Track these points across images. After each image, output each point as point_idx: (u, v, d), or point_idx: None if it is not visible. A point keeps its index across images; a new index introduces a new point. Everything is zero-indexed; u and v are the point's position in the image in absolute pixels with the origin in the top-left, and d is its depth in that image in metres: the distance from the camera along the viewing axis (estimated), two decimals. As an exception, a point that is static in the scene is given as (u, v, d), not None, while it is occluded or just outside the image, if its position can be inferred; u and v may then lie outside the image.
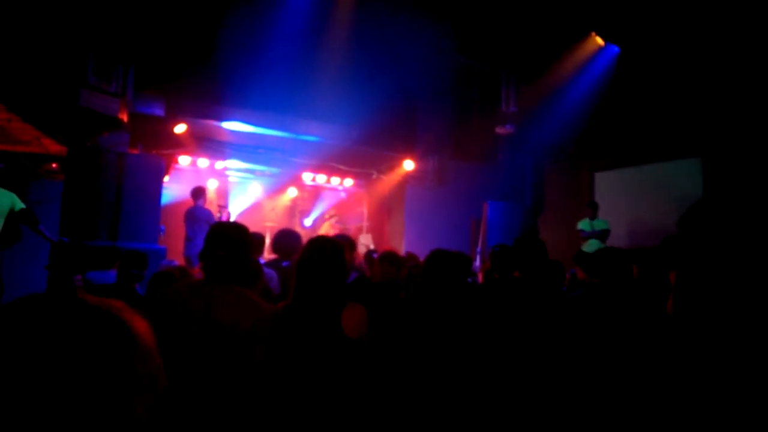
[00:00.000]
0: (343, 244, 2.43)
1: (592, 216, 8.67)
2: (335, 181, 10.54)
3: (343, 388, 2.09)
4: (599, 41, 9.75)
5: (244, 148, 9.27)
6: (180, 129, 8.02)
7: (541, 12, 9.08)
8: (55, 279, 5.59)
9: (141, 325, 0.72)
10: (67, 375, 0.64)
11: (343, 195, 11.55)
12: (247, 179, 10.63)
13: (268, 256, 8.20)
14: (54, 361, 0.64)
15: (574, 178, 10.88)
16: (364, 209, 11.21)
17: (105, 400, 0.65)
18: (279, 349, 2.13)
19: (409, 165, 9.93)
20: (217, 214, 8.67)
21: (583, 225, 8.70)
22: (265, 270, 4.12)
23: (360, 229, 11.08)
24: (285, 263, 4.51)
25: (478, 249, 9.49)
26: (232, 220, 8.84)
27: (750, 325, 2.19)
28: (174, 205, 9.09)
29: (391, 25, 9.02)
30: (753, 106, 7.89)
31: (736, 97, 8.10)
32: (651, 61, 8.99)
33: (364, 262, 5.61)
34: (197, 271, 5.16)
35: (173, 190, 9.30)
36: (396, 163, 10.04)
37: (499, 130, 10.55)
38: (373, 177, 10.51)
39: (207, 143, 8.88)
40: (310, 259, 2.26)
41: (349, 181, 10.65)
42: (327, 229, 9.40)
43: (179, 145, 8.41)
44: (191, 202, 7.98)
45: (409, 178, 10.13)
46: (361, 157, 9.89)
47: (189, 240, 7.62)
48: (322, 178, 10.42)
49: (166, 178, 8.15)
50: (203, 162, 9.26)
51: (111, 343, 0.68)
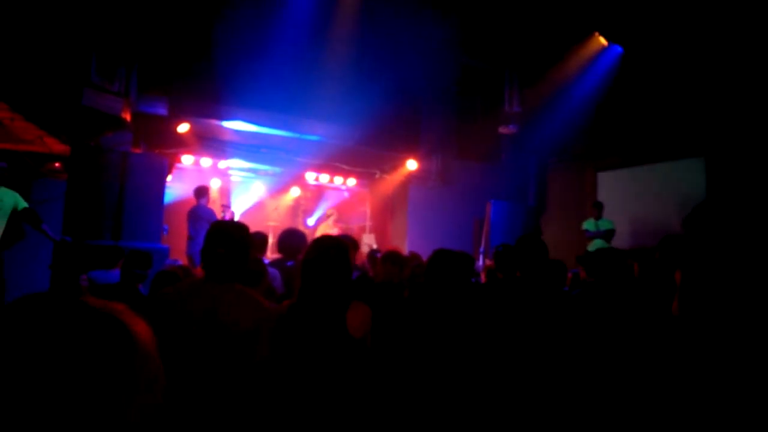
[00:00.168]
0: (347, 243, 2.42)
1: (597, 216, 8.66)
2: (338, 180, 10.53)
3: (348, 387, 2.09)
4: (603, 41, 9.73)
5: (247, 148, 9.28)
6: (183, 128, 8.03)
7: (544, 12, 9.06)
8: (58, 278, 5.60)
9: (142, 328, 0.72)
10: (66, 375, 0.64)
11: (346, 194, 11.55)
12: (249, 179, 10.64)
13: (271, 255, 8.22)
14: (53, 361, 0.64)
15: (577, 177, 10.86)
16: (367, 209, 11.21)
17: (102, 401, 0.65)
18: (284, 347, 2.13)
19: (412, 165, 9.92)
20: (221, 214, 8.67)
21: (588, 225, 8.69)
22: (270, 269, 4.13)
23: (363, 229, 11.08)
24: (290, 263, 4.51)
25: (481, 249, 9.48)
26: (235, 219, 8.84)
27: (756, 326, 2.19)
28: (177, 204, 9.10)
29: (395, 25, 9.01)
30: (756, 106, 7.86)
31: (740, 97, 8.07)
32: (654, 61, 8.97)
33: (367, 262, 5.61)
34: (200, 270, 5.16)
35: (176, 189, 9.30)
36: (399, 162, 10.04)
37: (502, 129, 10.53)
38: (376, 177, 10.50)
39: (210, 142, 8.89)
40: (315, 259, 2.25)
41: (352, 181, 10.64)
42: (326, 229, 9.37)
43: (182, 144, 8.42)
44: (194, 202, 7.99)
45: (412, 177, 10.12)
46: (364, 156, 9.89)
47: (191, 239, 7.64)
48: (325, 178, 10.42)
49: (169, 178, 8.16)
50: (206, 161, 9.26)
51: (110, 345, 0.68)
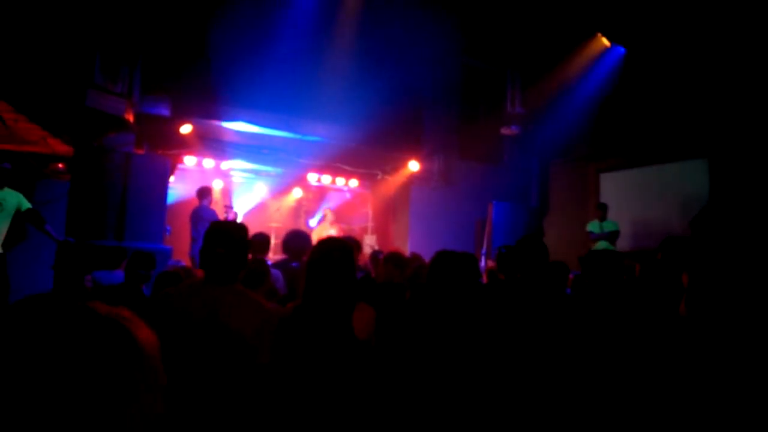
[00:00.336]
0: (351, 245, 2.41)
1: (602, 218, 8.65)
2: (340, 181, 10.53)
3: (354, 389, 2.08)
4: (605, 42, 9.72)
5: (250, 149, 9.28)
6: (186, 129, 8.04)
7: (546, 13, 9.05)
8: (61, 279, 5.60)
9: (146, 335, 0.72)
10: (66, 379, 0.64)
11: (348, 196, 11.55)
12: (251, 179, 10.64)
13: (273, 256, 8.21)
14: (54, 365, 0.64)
15: (579, 178, 10.84)
16: (369, 210, 11.20)
17: (103, 405, 0.65)
18: (290, 350, 2.12)
19: (414, 165, 9.92)
20: (224, 215, 8.67)
21: (592, 227, 8.69)
22: (273, 270, 4.12)
23: (365, 230, 11.08)
24: (294, 264, 4.51)
25: (483, 250, 9.47)
26: (239, 220, 8.84)
27: (764, 326, 2.18)
28: (179, 205, 9.11)
29: (397, 26, 9.02)
30: (760, 107, 7.84)
31: (743, 98, 8.05)
32: (657, 62, 8.95)
33: (370, 263, 5.62)
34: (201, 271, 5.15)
35: (178, 189, 9.31)
36: (401, 163, 10.03)
37: (504, 130, 10.52)
38: (378, 177, 10.50)
39: (212, 143, 8.89)
40: (320, 261, 2.24)
41: (354, 182, 10.64)
42: (322, 230, 9.30)
43: (185, 145, 8.42)
44: (196, 202, 7.99)
45: (414, 178, 10.12)
46: (366, 157, 9.88)
47: (194, 240, 7.64)
48: (327, 179, 10.42)
49: (172, 179, 8.17)
50: (208, 162, 9.27)
51: (113, 351, 0.68)
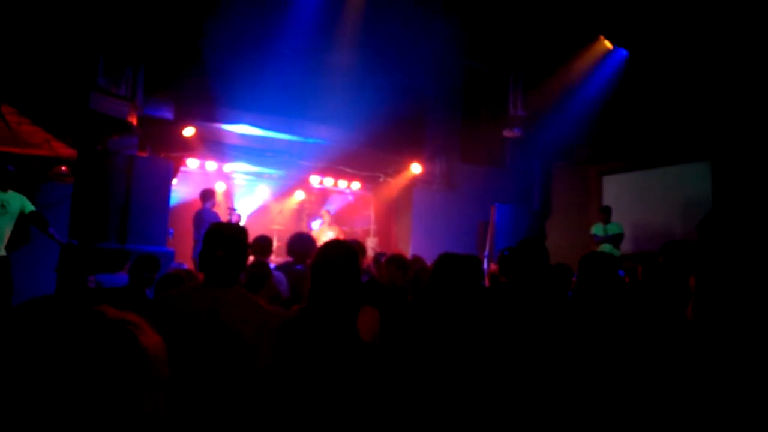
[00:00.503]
0: (355, 248, 2.40)
1: (605, 220, 8.65)
2: (342, 184, 10.53)
3: (360, 391, 2.07)
4: (608, 45, 9.71)
5: (252, 151, 9.28)
6: (188, 132, 8.05)
7: (549, 16, 9.06)
8: (64, 281, 5.62)
9: (153, 342, 0.72)
10: (73, 383, 0.64)
11: (350, 198, 11.55)
12: (254, 182, 10.65)
13: (275, 259, 8.21)
14: (60, 369, 0.64)
15: (582, 181, 10.83)
16: (371, 212, 11.20)
17: (104, 409, 0.65)
18: (296, 352, 2.11)
19: (416, 168, 9.92)
20: (227, 217, 8.67)
21: (596, 230, 8.69)
22: (276, 273, 4.12)
23: (367, 232, 11.07)
24: (299, 266, 4.51)
25: (486, 252, 9.46)
26: (242, 222, 8.84)
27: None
28: (181, 208, 9.11)
29: (400, 29, 9.03)
30: (762, 110, 7.82)
31: (745, 101, 8.03)
32: (659, 65, 8.94)
33: (372, 265, 5.61)
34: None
35: (180, 192, 9.32)
36: (403, 166, 10.03)
37: (506, 133, 10.52)
38: (381, 180, 10.50)
39: (215, 146, 8.90)
40: (325, 263, 2.23)
41: (356, 184, 10.63)
42: (320, 232, 9.27)
43: (187, 148, 8.43)
44: (198, 205, 8.00)
45: (416, 181, 10.12)
46: (368, 160, 9.89)
47: (196, 243, 7.64)
48: (329, 181, 10.41)
49: (174, 181, 8.18)
50: (211, 165, 9.28)
51: (118, 357, 0.68)
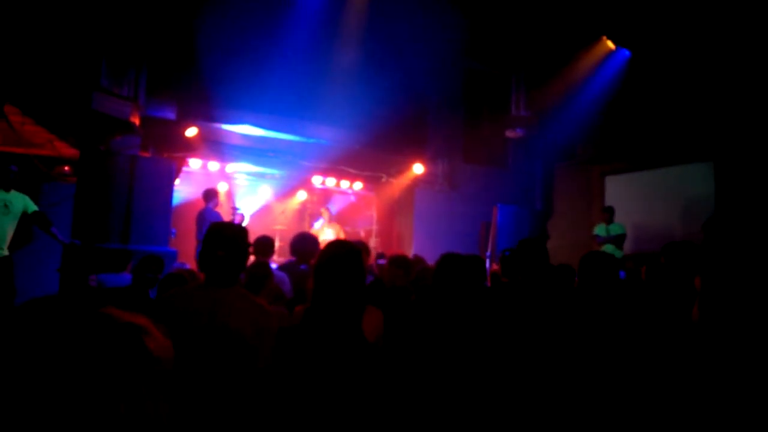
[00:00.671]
0: (359, 248, 2.39)
1: (608, 221, 8.64)
2: (345, 184, 10.53)
3: (367, 392, 2.07)
4: (610, 45, 9.69)
5: (254, 151, 9.29)
6: (191, 132, 8.06)
7: (551, 16, 9.04)
8: (67, 281, 5.63)
9: (160, 345, 0.72)
10: (78, 384, 0.64)
11: (352, 198, 11.55)
12: (256, 182, 10.66)
13: (278, 259, 8.21)
14: (60, 368, 0.64)
15: (584, 181, 10.81)
16: (374, 212, 11.19)
17: (107, 411, 0.65)
18: (301, 353, 2.10)
19: (418, 168, 9.91)
20: (230, 217, 8.68)
21: (599, 230, 8.68)
22: (278, 273, 4.12)
23: (369, 233, 11.06)
24: (303, 266, 4.51)
25: (488, 253, 9.45)
26: (245, 222, 8.84)
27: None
28: (183, 208, 9.12)
29: (402, 29, 9.03)
30: (765, 110, 7.80)
31: (748, 101, 8.01)
32: (662, 65, 8.92)
33: (374, 265, 5.61)
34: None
35: (183, 192, 9.33)
36: (405, 166, 10.03)
37: (509, 133, 10.51)
38: (383, 180, 10.50)
39: (217, 146, 8.91)
40: (329, 263, 2.22)
41: (358, 185, 10.64)
42: (321, 231, 9.25)
43: (190, 148, 8.44)
44: (199, 205, 8.00)
45: (418, 181, 10.11)
46: (370, 160, 9.89)
47: (199, 243, 7.65)
48: (331, 182, 10.42)
49: (177, 181, 8.19)
50: (213, 165, 9.29)
51: (122, 359, 0.67)
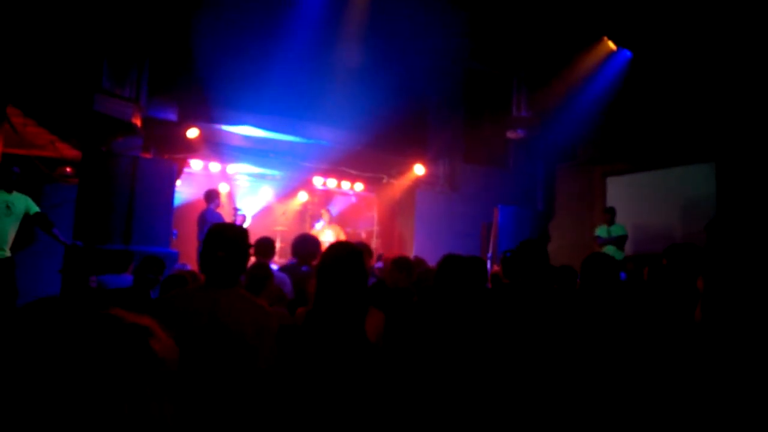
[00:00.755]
0: (361, 249, 2.39)
1: (610, 222, 8.64)
2: (346, 185, 10.54)
3: (370, 394, 2.07)
4: (611, 46, 9.69)
5: (255, 152, 9.30)
6: (192, 134, 8.07)
7: (552, 17, 9.04)
8: (68, 282, 5.64)
9: (164, 347, 0.72)
10: (84, 385, 0.64)
11: (353, 199, 11.56)
12: (257, 183, 10.66)
13: (279, 260, 8.22)
14: (65, 369, 0.64)
15: (585, 182, 10.80)
16: (375, 213, 11.20)
17: (110, 411, 0.65)
18: (304, 354, 2.10)
19: (419, 169, 9.91)
20: (232, 218, 8.68)
21: (600, 231, 8.68)
22: (279, 274, 4.12)
23: (371, 234, 11.06)
24: (304, 268, 4.51)
25: (489, 254, 9.45)
26: (247, 223, 8.85)
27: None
28: (185, 209, 9.12)
29: (403, 30, 9.03)
30: (766, 111, 7.79)
31: (749, 102, 8.00)
32: (663, 66, 8.92)
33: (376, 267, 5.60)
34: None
35: (184, 193, 9.34)
36: (406, 167, 10.03)
37: (510, 134, 10.50)
38: (384, 181, 10.50)
39: (218, 147, 8.92)
40: (332, 265, 2.22)
41: (359, 186, 10.64)
42: (321, 232, 9.24)
43: (191, 149, 8.45)
44: (201, 206, 8.01)
45: (419, 182, 10.11)
46: (371, 161, 9.89)
47: (200, 244, 7.66)
48: (332, 182, 10.42)
49: (178, 182, 8.19)
50: (215, 166, 9.29)
51: (126, 359, 0.67)
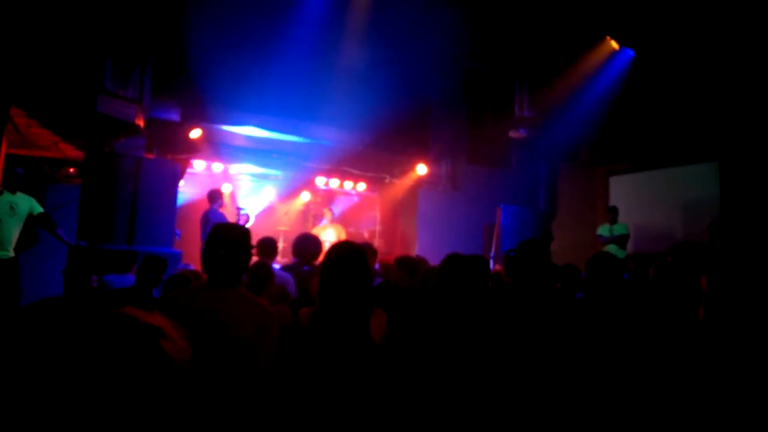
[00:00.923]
0: (364, 249, 2.38)
1: (612, 221, 8.62)
2: (348, 185, 10.54)
3: (376, 393, 2.07)
4: (614, 45, 9.67)
5: (258, 153, 9.31)
6: (195, 134, 8.08)
7: (555, 16, 9.03)
8: (72, 283, 5.65)
9: (175, 347, 0.72)
10: (91, 384, 0.64)
11: (356, 199, 11.56)
12: (260, 183, 10.68)
13: (281, 260, 8.22)
14: (71, 367, 0.64)
15: (588, 182, 10.79)
16: (377, 213, 11.20)
17: (116, 410, 0.65)
18: (308, 354, 2.10)
19: (422, 169, 9.91)
20: (235, 218, 8.69)
21: (602, 231, 8.67)
22: (282, 274, 4.12)
23: (373, 233, 11.06)
24: (306, 268, 4.51)
25: (491, 254, 9.44)
26: (250, 223, 8.86)
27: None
28: (188, 209, 9.14)
29: (405, 30, 9.02)
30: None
31: (752, 102, 7.98)
32: (666, 65, 8.90)
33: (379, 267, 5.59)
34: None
35: (187, 193, 9.36)
36: (409, 167, 10.03)
37: (512, 134, 10.49)
38: (386, 181, 10.50)
39: (221, 147, 8.93)
40: (336, 265, 2.21)
41: (362, 186, 10.64)
42: (321, 231, 9.23)
43: (194, 149, 8.46)
44: (203, 206, 8.01)
45: (421, 182, 10.11)
46: (373, 161, 9.89)
47: (203, 244, 7.65)
48: (335, 183, 10.43)
49: (181, 183, 8.21)
50: (217, 166, 9.31)
51: (136, 358, 0.68)
